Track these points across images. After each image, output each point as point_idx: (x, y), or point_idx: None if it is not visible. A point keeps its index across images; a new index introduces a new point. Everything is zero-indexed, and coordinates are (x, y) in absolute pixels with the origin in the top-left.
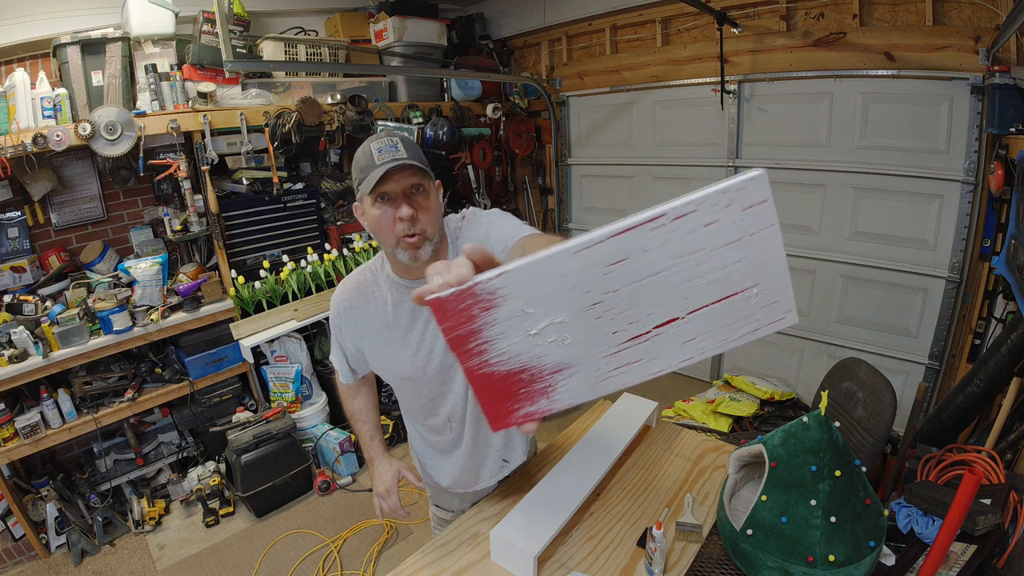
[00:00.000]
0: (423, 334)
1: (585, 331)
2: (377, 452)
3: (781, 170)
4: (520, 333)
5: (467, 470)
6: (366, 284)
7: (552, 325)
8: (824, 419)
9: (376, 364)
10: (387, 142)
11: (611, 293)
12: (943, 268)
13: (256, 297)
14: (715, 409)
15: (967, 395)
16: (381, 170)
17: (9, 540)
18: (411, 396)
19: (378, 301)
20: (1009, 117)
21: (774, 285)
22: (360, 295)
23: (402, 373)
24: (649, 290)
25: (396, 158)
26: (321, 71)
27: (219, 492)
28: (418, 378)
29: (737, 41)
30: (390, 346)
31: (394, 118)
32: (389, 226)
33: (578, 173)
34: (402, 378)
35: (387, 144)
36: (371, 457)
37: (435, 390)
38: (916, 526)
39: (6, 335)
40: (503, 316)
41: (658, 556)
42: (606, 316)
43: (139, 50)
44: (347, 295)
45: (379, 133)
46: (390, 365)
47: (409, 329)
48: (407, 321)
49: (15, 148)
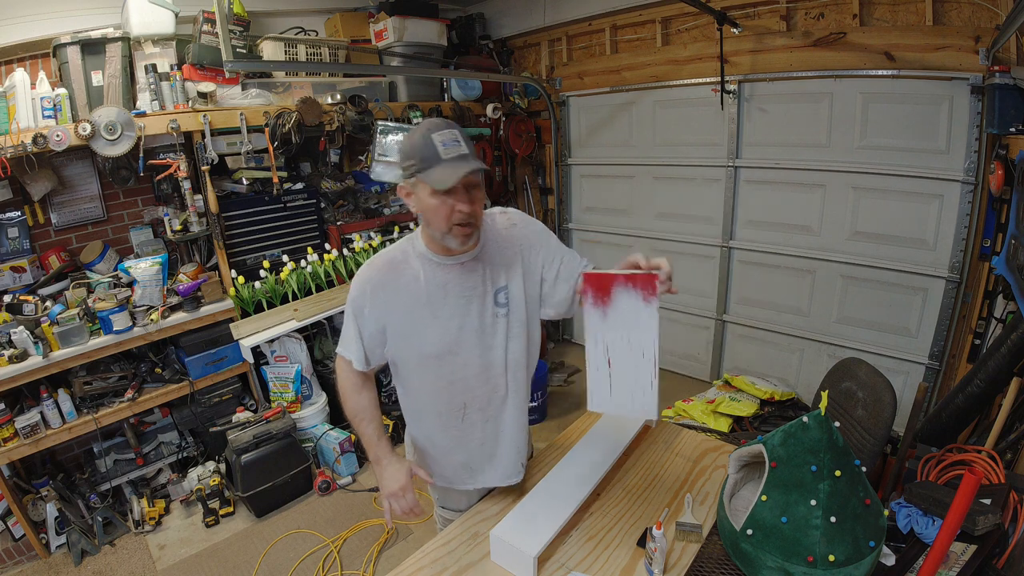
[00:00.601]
0: (453, 309)
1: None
2: (384, 451)
3: (781, 170)
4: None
5: (477, 462)
6: (397, 262)
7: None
8: (824, 419)
9: (400, 344)
10: (449, 135)
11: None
12: (943, 268)
13: (256, 297)
14: (715, 409)
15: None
16: (452, 171)
17: (9, 540)
18: (430, 379)
19: (409, 277)
20: (1009, 117)
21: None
22: (392, 272)
23: (429, 350)
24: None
25: (461, 154)
26: (321, 71)
27: (219, 492)
28: (443, 355)
29: (737, 41)
30: (419, 322)
31: (394, 118)
32: (445, 215)
33: (578, 173)
34: (427, 356)
35: (450, 138)
36: (378, 457)
37: (456, 371)
38: (916, 526)
39: (6, 335)
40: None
41: (658, 556)
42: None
43: (139, 50)
44: (378, 272)
45: (435, 121)
46: (417, 343)
47: (440, 305)
48: (439, 297)
49: (15, 148)
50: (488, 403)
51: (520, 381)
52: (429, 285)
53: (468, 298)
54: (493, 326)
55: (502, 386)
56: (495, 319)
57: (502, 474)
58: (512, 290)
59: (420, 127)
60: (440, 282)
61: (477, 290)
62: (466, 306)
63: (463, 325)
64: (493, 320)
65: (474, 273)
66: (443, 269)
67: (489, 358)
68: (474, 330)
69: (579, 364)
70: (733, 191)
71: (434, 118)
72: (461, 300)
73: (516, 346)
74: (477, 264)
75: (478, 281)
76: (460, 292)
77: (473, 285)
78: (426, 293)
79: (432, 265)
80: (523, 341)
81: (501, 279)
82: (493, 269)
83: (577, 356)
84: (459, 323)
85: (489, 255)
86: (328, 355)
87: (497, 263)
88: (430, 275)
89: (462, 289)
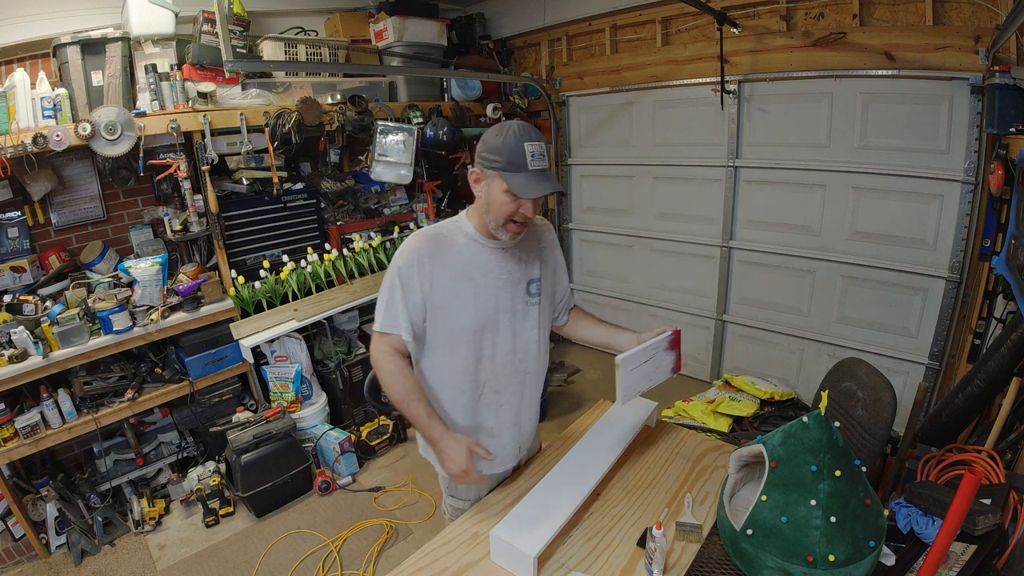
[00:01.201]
0: (492, 289)
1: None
2: (440, 431)
3: (781, 170)
4: None
5: (510, 442)
6: (443, 236)
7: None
8: (824, 419)
9: (438, 315)
10: (539, 148)
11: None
12: (943, 268)
13: (256, 297)
14: (715, 409)
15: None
16: (537, 187)
17: (9, 540)
18: (461, 354)
19: (455, 252)
20: (1009, 117)
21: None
22: (440, 244)
23: (466, 323)
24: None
25: (544, 169)
26: (321, 71)
27: (219, 492)
28: (478, 330)
29: (737, 41)
30: (461, 294)
31: (394, 118)
32: (508, 213)
33: (578, 173)
34: (463, 329)
35: (539, 151)
36: (435, 437)
37: (485, 348)
38: (916, 526)
39: (6, 335)
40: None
41: (658, 556)
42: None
43: (139, 50)
44: (427, 243)
45: (528, 129)
46: (458, 314)
47: (480, 282)
48: (480, 275)
49: (15, 148)
50: (506, 386)
51: (539, 371)
52: (473, 262)
53: (506, 281)
54: (524, 312)
55: (522, 372)
56: (527, 307)
57: (503, 458)
58: (543, 284)
59: (513, 129)
60: (483, 262)
61: (514, 275)
62: (503, 288)
63: (499, 306)
64: (525, 307)
65: (513, 260)
66: (486, 251)
67: (517, 343)
68: (508, 311)
69: (579, 364)
70: (733, 191)
71: (527, 124)
72: (499, 282)
73: (542, 336)
74: (517, 252)
75: (515, 268)
76: (499, 274)
77: (511, 270)
78: (469, 268)
79: (477, 246)
80: (546, 333)
81: (535, 272)
82: (529, 261)
83: (576, 356)
84: (495, 303)
85: (527, 248)
86: (328, 355)
87: (532, 257)
88: (474, 254)
89: (501, 272)
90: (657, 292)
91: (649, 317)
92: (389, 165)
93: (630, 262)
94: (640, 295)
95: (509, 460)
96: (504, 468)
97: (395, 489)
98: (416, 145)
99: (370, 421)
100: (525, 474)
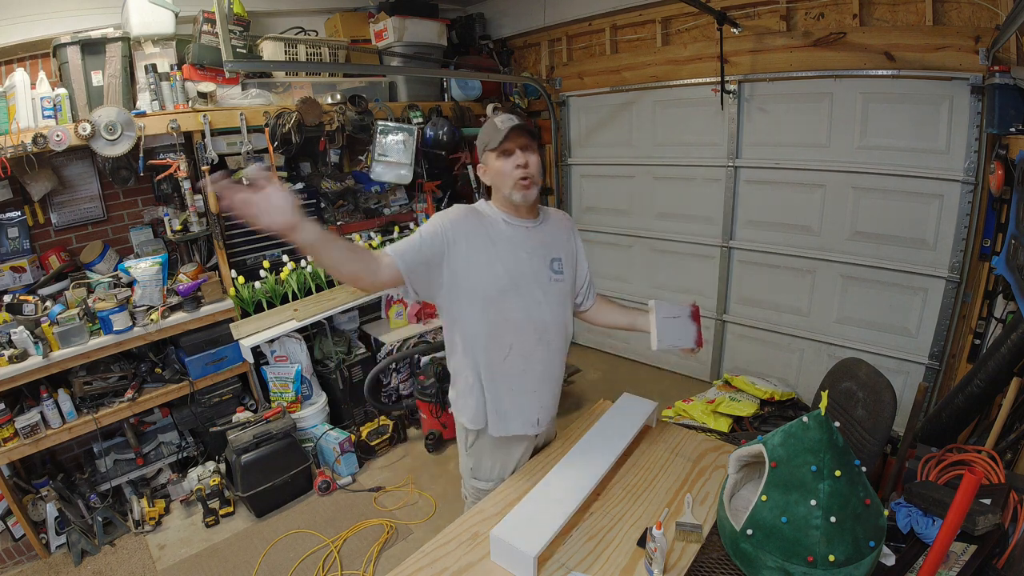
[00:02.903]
0: (519, 258)
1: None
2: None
3: (781, 170)
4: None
5: (506, 404)
6: (478, 212)
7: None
8: (824, 419)
9: (474, 276)
10: (507, 116)
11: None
12: (943, 268)
13: (256, 297)
14: (715, 409)
15: (967, 395)
16: (504, 131)
17: (9, 540)
18: (491, 314)
19: (489, 224)
20: (1009, 117)
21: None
22: (477, 217)
23: (498, 283)
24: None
25: (513, 121)
26: (321, 71)
27: (219, 492)
28: (507, 290)
29: (737, 41)
30: (492, 256)
31: (394, 118)
32: (509, 172)
33: (578, 173)
34: (494, 289)
35: (507, 118)
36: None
37: (513, 310)
38: (916, 526)
39: (6, 335)
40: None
41: (658, 556)
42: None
43: (139, 50)
44: (464, 211)
45: (500, 110)
46: (489, 275)
47: (508, 251)
48: (508, 247)
49: (15, 148)
50: (532, 352)
51: (562, 346)
52: (504, 233)
53: (531, 254)
54: (549, 287)
55: (546, 341)
56: (552, 282)
57: (523, 421)
58: (565, 264)
59: (490, 117)
60: (509, 235)
61: (539, 251)
62: (528, 260)
63: (525, 272)
64: (549, 282)
65: (537, 238)
66: (512, 228)
67: (543, 312)
68: (533, 281)
69: (579, 364)
70: (733, 191)
71: (500, 109)
72: (524, 254)
73: (567, 313)
74: (540, 232)
75: (539, 244)
76: (524, 248)
77: (535, 247)
78: (501, 238)
79: (506, 224)
80: (570, 312)
81: (558, 252)
82: (552, 241)
83: (576, 356)
84: (522, 270)
85: (549, 230)
86: (328, 355)
87: (554, 239)
88: (505, 227)
89: (526, 246)
90: (657, 292)
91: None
92: (389, 165)
93: (630, 262)
94: (640, 295)
95: (529, 425)
96: (521, 432)
97: (395, 489)
98: (416, 145)
99: (370, 421)
100: (525, 474)
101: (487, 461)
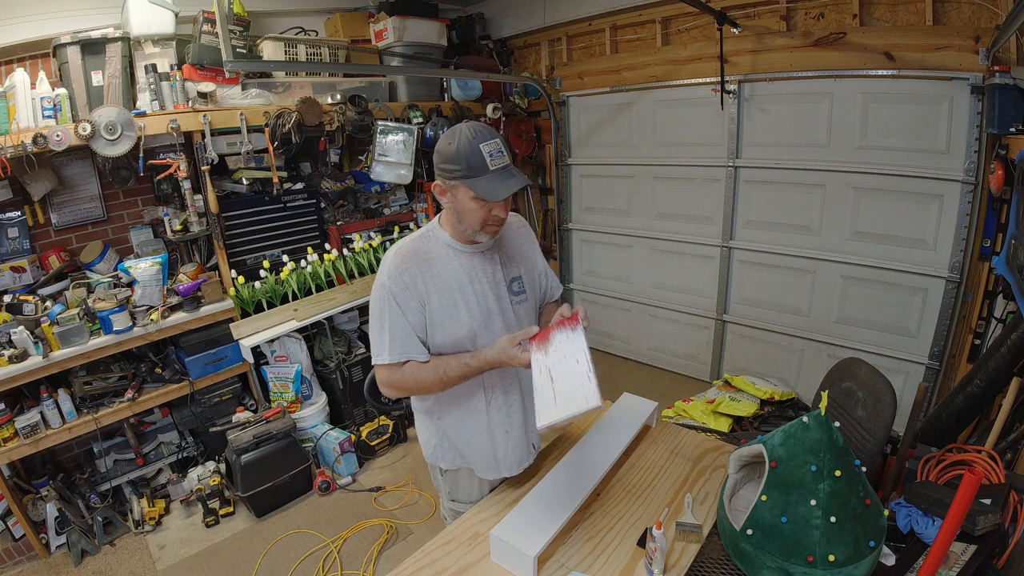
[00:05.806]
0: (479, 294)
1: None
2: (487, 352)
3: (781, 170)
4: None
5: (502, 449)
6: (422, 251)
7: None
8: (824, 419)
9: (437, 327)
10: (495, 146)
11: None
12: (943, 268)
13: (256, 297)
14: (715, 409)
15: (967, 395)
16: (502, 187)
17: (9, 540)
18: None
19: (439, 263)
20: (1009, 117)
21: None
22: (422, 259)
23: (461, 332)
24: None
25: (506, 166)
26: (321, 71)
27: (219, 492)
28: (472, 336)
29: (737, 41)
30: (453, 305)
31: (394, 118)
32: (481, 217)
33: (578, 173)
34: (460, 338)
35: (496, 148)
36: (490, 359)
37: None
38: (916, 526)
39: (6, 335)
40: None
41: (658, 556)
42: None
43: (139, 50)
44: (410, 261)
45: (479, 128)
46: (453, 324)
47: (468, 290)
48: (466, 282)
49: (15, 148)
50: (511, 386)
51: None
52: (458, 271)
53: (490, 283)
54: (514, 311)
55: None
56: (514, 306)
57: (517, 460)
58: (525, 280)
59: (464, 133)
60: (466, 268)
61: (496, 276)
62: (490, 291)
63: (489, 309)
64: (512, 306)
65: (493, 261)
66: (467, 256)
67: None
68: (498, 313)
69: None
70: (733, 191)
71: (475, 123)
72: (485, 286)
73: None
74: (494, 253)
75: (497, 268)
76: (483, 278)
77: (493, 271)
78: (456, 278)
79: (457, 253)
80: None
81: (515, 269)
82: (508, 259)
83: None
84: (486, 307)
85: (504, 246)
86: (328, 355)
87: (511, 254)
88: (457, 262)
89: (484, 275)
90: (657, 292)
91: (649, 317)
92: (389, 165)
93: (630, 262)
94: (640, 295)
95: (525, 459)
96: (519, 470)
97: (395, 489)
98: (416, 145)
99: (370, 421)
100: (525, 474)
101: (464, 485)
